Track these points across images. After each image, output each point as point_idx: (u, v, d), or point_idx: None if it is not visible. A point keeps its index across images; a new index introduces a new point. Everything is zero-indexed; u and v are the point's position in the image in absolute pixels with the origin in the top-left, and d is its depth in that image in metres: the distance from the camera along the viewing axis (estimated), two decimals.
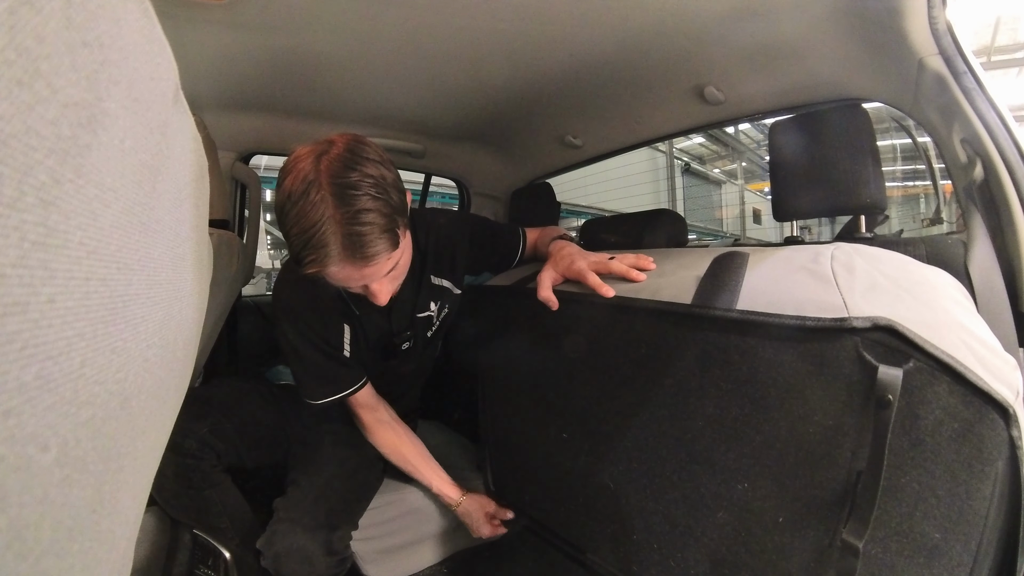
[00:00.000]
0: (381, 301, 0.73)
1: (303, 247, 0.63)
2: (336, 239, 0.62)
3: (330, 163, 0.63)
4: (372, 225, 0.63)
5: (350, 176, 0.63)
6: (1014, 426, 0.43)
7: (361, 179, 0.63)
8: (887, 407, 0.44)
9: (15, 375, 0.15)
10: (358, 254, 0.64)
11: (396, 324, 0.93)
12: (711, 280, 0.60)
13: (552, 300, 0.77)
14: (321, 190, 0.62)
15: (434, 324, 0.98)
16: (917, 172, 5.26)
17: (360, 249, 0.63)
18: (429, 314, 0.96)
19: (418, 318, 0.94)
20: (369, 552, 0.93)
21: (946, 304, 0.48)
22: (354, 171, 0.63)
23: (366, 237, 0.63)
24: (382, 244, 0.65)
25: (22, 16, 0.14)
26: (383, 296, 0.73)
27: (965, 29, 0.63)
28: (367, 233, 0.63)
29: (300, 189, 0.62)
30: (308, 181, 0.62)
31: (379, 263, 0.67)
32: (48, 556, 0.17)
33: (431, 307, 0.96)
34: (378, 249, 0.65)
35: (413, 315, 0.94)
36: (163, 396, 0.29)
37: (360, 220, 0.62)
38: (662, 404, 0.64)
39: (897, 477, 0.46)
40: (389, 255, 0.67)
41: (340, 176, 0.63)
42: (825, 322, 0.48)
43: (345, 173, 0.63)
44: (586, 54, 0.89)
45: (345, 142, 0.66)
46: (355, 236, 0.63)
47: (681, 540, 0.63)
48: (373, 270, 0.67)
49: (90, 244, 0.18)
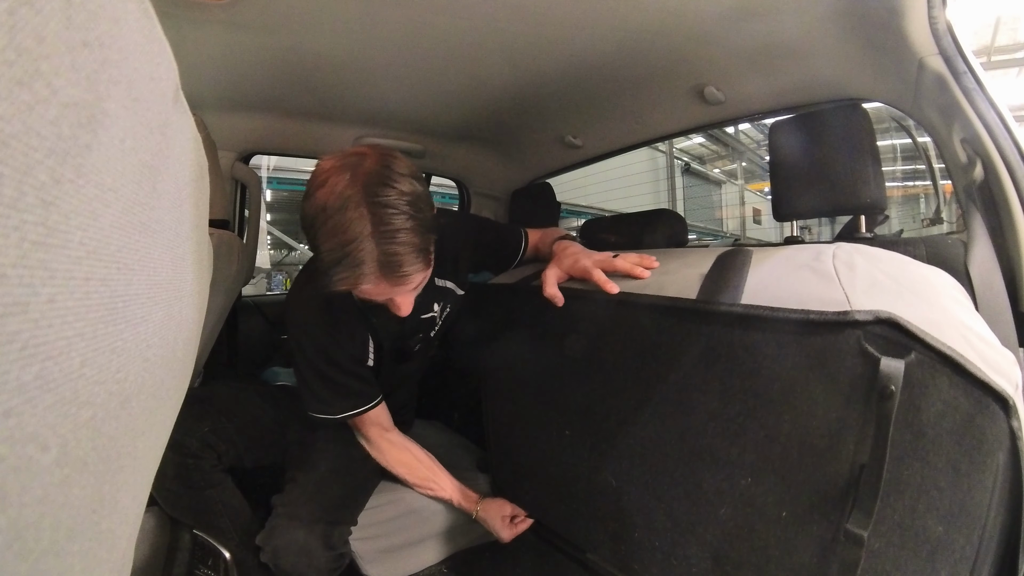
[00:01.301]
0: (404, 313, 0.74)
1: (337, 264, 0.62)
2: (372, 258, 0.63)
3: (367, 178, 0.63)
4: (408, 245, 0.64)
5: (388, 194, 0.63)
6: (1014, 417, 0.43)
7: (398, 198, 0.64)
8: (889, 399, 0.44)
9: (15, 375, 0.15)
10: (393, 274, 0.65)
11: (408, 327, 0.93)
12: (715, 277, 0.61)
13: (558, 296, 0.78)
14: (360, 207, 0.62)
15: (437, 324, 0.99)
16: (917, 172, 5.26)
17: (396, 269, 0.64)
18: (432, 315, 0.96)
19: (422, 319, 0.95)
20: (369, 552, 0.93)
21: (946, 302, 0.49)
22: (391, 188, 0.64)
23: (402, 258, 0.64)
24: (417, 264, 0.66)
25: (22, 16, 0.14)
26: (407, 308, 0.73)
27: (965, 29, 0.63)
28: (403, 254, 0.64)
29: (336, 204, 0.62)
30: (345, 197, 0.62)
31: (411, 281, 0.68)
32: (48, 556, 0.17)
33: (434, 308, 0.96)
34: (413, 270, 0.66)
35: (419, 317, 0.94)
36: (163, 396, 0.29)
37: (397, 240, 0.63)
38: (666, 400, 0.64)
39: (899, 470, 0.46)
40: (421, 272, 0.69)
41: (377, 194, 0.63)
42: (828, 316, 0.49)
43: (383, 191, 0.63)
44: (586, 54, 0.89)
45: (378, 156, 0.66)
46: (391, 256, 0.63)
47: (683, 537, 0.63)
48: (405, 287, 0.69)
49: (90, 244, 0.18)
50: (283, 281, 7.58)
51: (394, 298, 0.71)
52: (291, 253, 8.33)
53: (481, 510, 0.95)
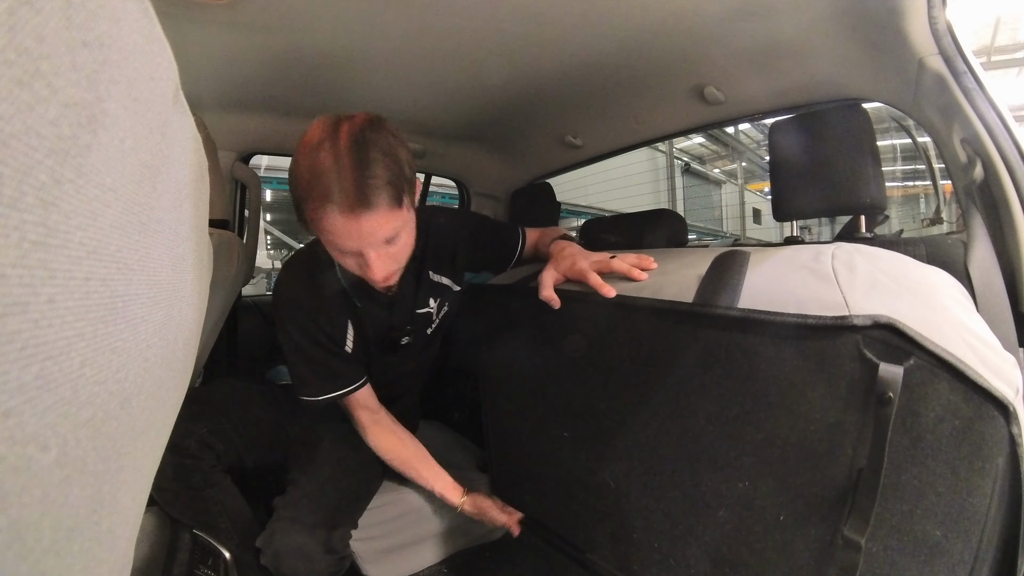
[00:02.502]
0: (377, 276, 0.71)
1: (309, 189, 0.65)
2: (339, 183, 0.64)
3: (351, 124, 0.67)
4: (377, 177, 0.65)
5: (367, 137, 0.66)
6: (1014, 423, 0.43)
7: (377, 139, 0.67)
8: (888, 404, 0.44)
9: (15, 375, 0.15)
10: (360, 201, 0.64)
11: (396, 318, 0.93)
12: (713, 279, 0.60)
13: (554, 299, 0.77)
14: (338, 142, 0.65)
15: (433, 321, 0.98)
16: (917, 172, 5.26)
17: (363, 196, 0.64)
18: (428, 311, 0.96)
19: (417, 314, 0.95)
20: (369, 552, 0.93)
21: (946, 303, 0.48)
22: (372, 133, 0.67)
23: (369, 183, 0.64)
24: (384, 196, 0.65)
25: (22, 16, 0.14)
26: (379, 270, 0.71)
27: (965, 29, 0.63)
28: (373, 186, 0.65)
29: (316, 140, 0.66)
30: (327, 134, 0.65)
31: (378, 217, 0.66)
32: (48, 556, 0.17)
33: (430, 303, 0.96)
34: (379, 200, 0.65)
35: (413, 311, 0.94)
36: (163, 396, 0.29)
37: (369, 171, 0.65)
38: (663, 402, 0.64)
39: (898, 474, 0.46)
40: (389, 212, 0.67)
41: (357, 135, 0.66)
42: (826, 320, 0.49)
43: (364, 134, 0.66)
44: (586, 54, 0.89)
45: (366, 115, 0.70)
46: (359, 182, 0.64)
47: (682, 539, 0.63)
48: (371, 225, 0.66)
49: (90, 244, 0.18)
50: None
51: (365, 253, 0.69)
52: (291, 253, 8.32)
53: (467, 503, 0.94)
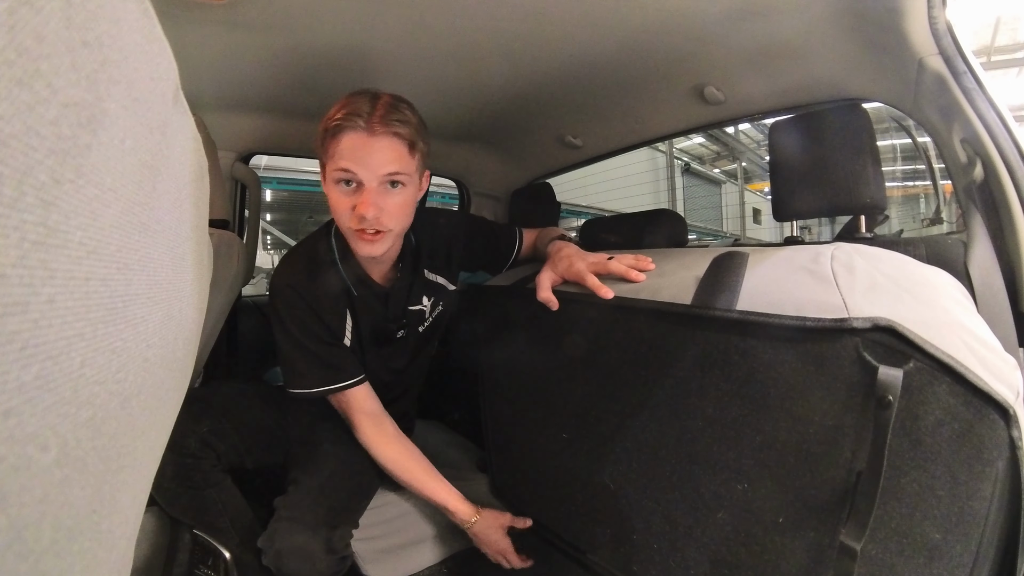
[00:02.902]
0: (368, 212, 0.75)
1: (336, 113, 0.75)
2: (369, 107, 0.74)
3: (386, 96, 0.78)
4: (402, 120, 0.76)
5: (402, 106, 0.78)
6: (1014, 426, 0.43)
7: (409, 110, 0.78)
8: (887, 408, 0.44)
9: (15, 375, 0.15)
10: (380, 123, 0.74)
11: (391, 312, 0.93)
12: (711, 280, 0.60)
13: (552, 301, 0.77)
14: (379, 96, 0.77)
15: (427, 319, 0.98)
16: (917, 172, 5.26)
17: (384, 121, 0.74)
18: (421, 308, 0.96)
19: (410, 310, 0.95)
20: (369, 552, 0.93)
21: (946, 304, 0.48)
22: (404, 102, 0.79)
23: (394, 117, 0.75)
24: (402, 133, 0.75)
25: (22, 16, 0.14)
26: (370, 206, 0.75)
27: (965, 29, 0.63)
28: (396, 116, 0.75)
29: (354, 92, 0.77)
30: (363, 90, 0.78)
31: (392, 145, 0.75)
32: (48, 556, 0.17)
33: (424, 301, 0.96)
34: (397, 133, 0.75)
35: (405, 306, 0.95)
36: (163, 396, 0.29)
37: (397, 109, 0.76)
38: (662, 404, 0.64)
39: (897, 477, 0.46)
40: (401, 149, 0.76)
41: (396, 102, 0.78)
42: (825, 322, 0.48)
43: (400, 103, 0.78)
44: (586, 54, 0.89)
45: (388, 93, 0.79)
46: (386, 113, 0.74)
47: (681, 540, 0.63)
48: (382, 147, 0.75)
49: (90, 244, 0.18)
50: None
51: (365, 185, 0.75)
52: None
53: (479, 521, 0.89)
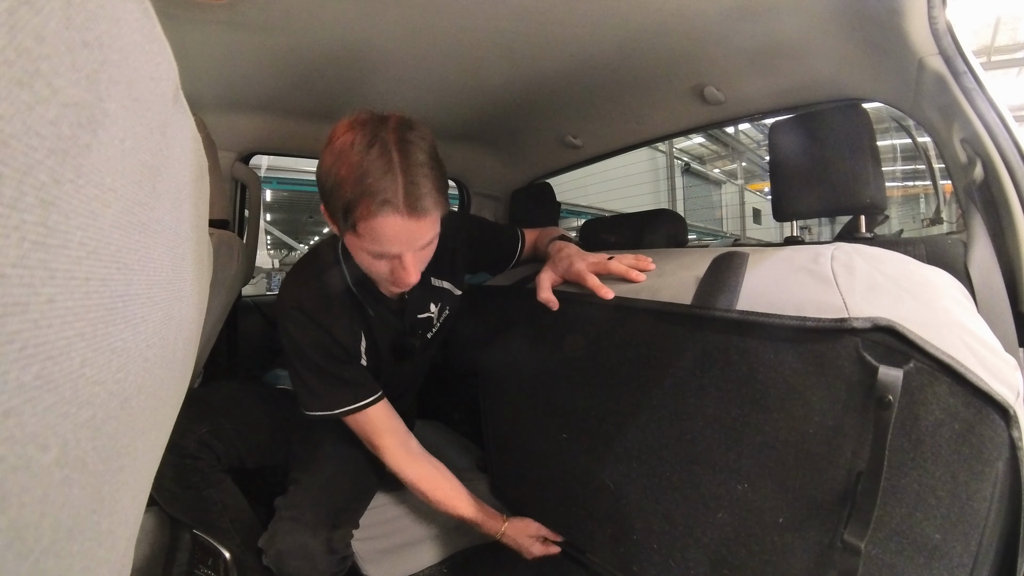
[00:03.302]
0: (412, 278, 0.71)
1: (360, 192, 0.63)
2: (397, 186, 0.64)
3: (394, 124, 0.68)
4: (429, 180, 0.66)
5: (412, 137, 0.67)
6: (1014, 427, 0.43)
7: (420, 139, 0.68)
8: (887, 408, 0.44)
9: (15, 375, 0.15)
10: (415, 204, 0.65)
11: (408, 323, 0.91)
12: (711, 280, 0.60)
13: (552, 301, 0.77)
14: (387, 143, 0.65)
15: (434, 326, 0.98)
16: (917, 172, 5.26)
17: (418, 200, 0.65)
18: (429, 315, 0.96)
19: (419, 319, 0.94)
20: (369, 551, 0.93)
21: (946, 304, 0.48)
22: (415, 133, 0.68)
23: (424, 189, 0.65)
24: (434, 200, 0.67)
25: (22, 16, 0.14)
26: (414, 272, 0.71)
27: (965, 29, 0.63)
28: (425, 186, 0.65)
29: (365, 140, 0.64)
30: (373, 134, 0.65)
31: (428, 221, 0.68)
32: (48, 556, 0.17)
33: (431, 308, 0.96)
34: (431, 204, 0.67)
35: (415, 315, 0.94)
36: (163, 396, 0.29)
37: (421, 172, 0.66)
38: (662, 404, 0.64)
39: (897, 478, 0.46)
40: (436, 216, 0.69)
41: (404, 134, 0.67)
42: (825, 323, 0.48)
43: (408, 134, 0.67)
44: (586, 54, 0.89)
45: (396, 116, 0.70)
46: (415, 186, 0.65)
47: (681, 540, 0.63)
48: (422, 227, 0.68)
49: (90, 244, 0.18)
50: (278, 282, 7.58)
51: (403, 257, 0.69)
52: (291, 253, 8.35)
53: (507, 530, 0.90)
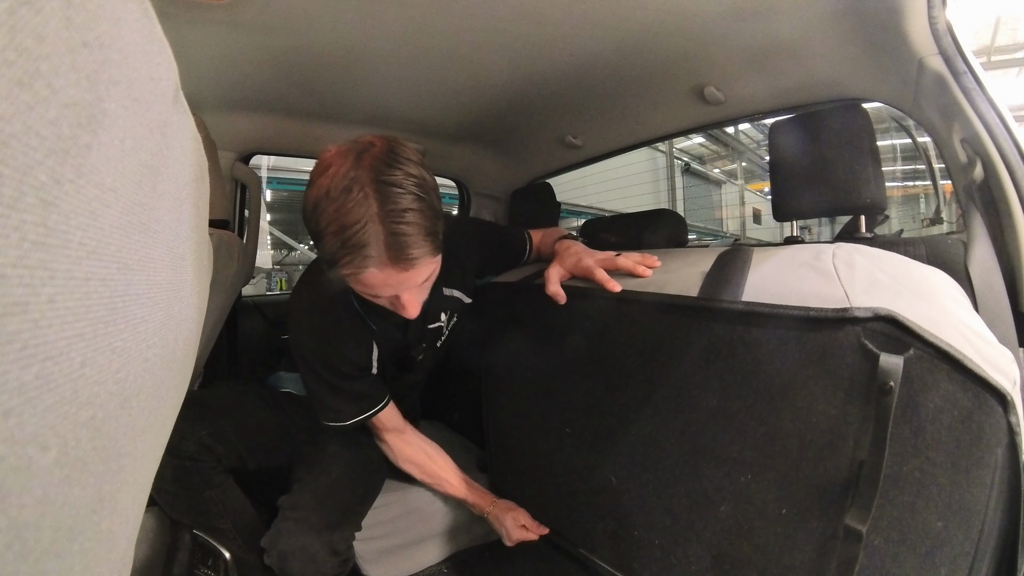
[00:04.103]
0: (412, 313, 0.68)
1: (340, 247, 0.59)
2: (378, 239, 0.59)
3: (373, 160, 0.60)
4: (416, 225, 0.60)
5: (394, 175, 0.60)
6: (1012, 413, 0.44)
7: (405, 178, 0.60)
8: (889, 394, 0.45)
9: (15, 375, 0.15)
10: (400, 256, 0.60)
11: (412, 336, 0.91)
12: (716, 275, 0.61)
13: (560, 295, 0.78)
14: (365, 187, 0.58)
15: (443, 334, 0.97)
16: (917, 172, 5.26)
17: (404, 251, 0.60)
18: (439, 324, 0.95)
19: (428, 329, 0.94)
20: (370, 552, 0.93)
21: (945, 301, 0.49)
22: (398, 170, 0.60)
23: (410, 238, 0.60)
24: (425, 248, 0.62)
25: (22, 16, 0.14)
26: (414, 308, 0.68)
27: (965, 29, 0.63)
28: (411, 234, 0.60)
29: (341, 185, 0.58)
30: (350, 178, 0.58)
31: (420, 268, 0.63)
32: (48, 556, 0.17)
33: (441, 318, 0.95)
34: (421, 253, 0.61)
35: (425, 326, 0.93)
36: (163, 396, 0.29)
37: (404, 219, 0.59)
38: (666, 397, 0.64)
39: (899, 465, 0.46)
40: (430, 259, 0.64)
41: (383, 174, 0.59)
42: (827, 312, 0.49)
43: (389, 172, 0.60)
44: (586, 54, 0.89)
45: (384, 142, 0.63)
46: (398, 236, 0.59)
47: (683, 535, 0.63)
48: (412, 275, 0.63)
49: (90, 244, 0.18)
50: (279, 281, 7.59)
51: (400, 296, 0.66)
52: (291, 253, 8.35)
53: (494, 509, 0.93)
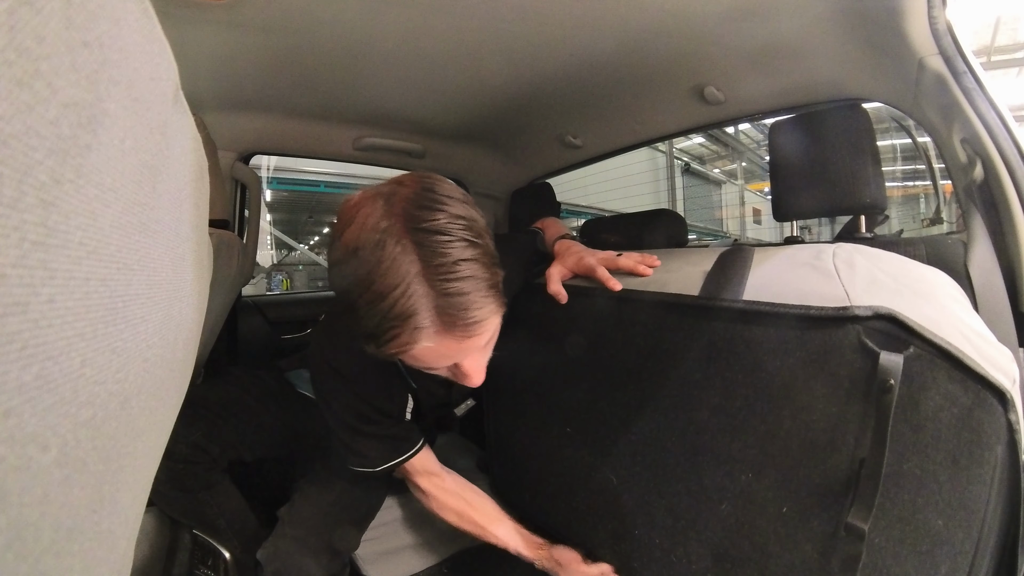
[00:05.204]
0: (476, 381, 0.56)
1: (381, 320, 0.46)
2: (428, 305, 0.46)
3: (406, 203, 0.47)
4: (472, 280, 0.47)
5: (436, 218, 0.47)
6: (1012, 411, 0.44)
7: (450, 222, 0.47)
8: (889, 392, 0.45)
9: (15, 375, 0.15)
10: (458, 321, 0.47)
11: (456, 392, 0.85)
12: (717, 274, 0.61)
13: (562, 294, 0.78)
14: (402, 239, 0.45)
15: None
16: (917, 172, 5.26)
17: (462, 315, 0.47)
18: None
19: None
20: (369, 553, 0.93)
21: (944, 301, 0.49)
22: (439, 211, 0.47)
23: (467, 298, 0.47)
24: (487, 306, 0.49)
25: (22, 16, 0.14)
26: (478, 375, 0.56)
27: (965, 29, 0.63)
28: (467, 292, 0.47)
29: (371, 241, 0.45)
30: (381, 230, 0.46)
31: (483, 331, 0.50)
32: (48, 556, 0.17)
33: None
34: (483, 314, 0.48)
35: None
36: (163, 396, 0.29)
37: (456, 274, 0.46)
38: (667, 396, 0.64)
39: (899, 463, 0.46)
40: (493, 318, 0.51)
41: (422, 220, 0.46)
42: (828, 311, 0.49)
43: (429, 216, 0.47)
44: (586, 54, 0.89)
45: (416, 181, 0.50)
46: (452, 297, 0.46)
47: (683, 534, 0.63)
48: (474, 341, 0.50)
49: (90, 244, 0.18)
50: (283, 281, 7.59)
51: (461, 364, 0.54)
52: (291, 253, 8.35)
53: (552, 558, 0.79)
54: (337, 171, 6.15)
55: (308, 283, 8.22)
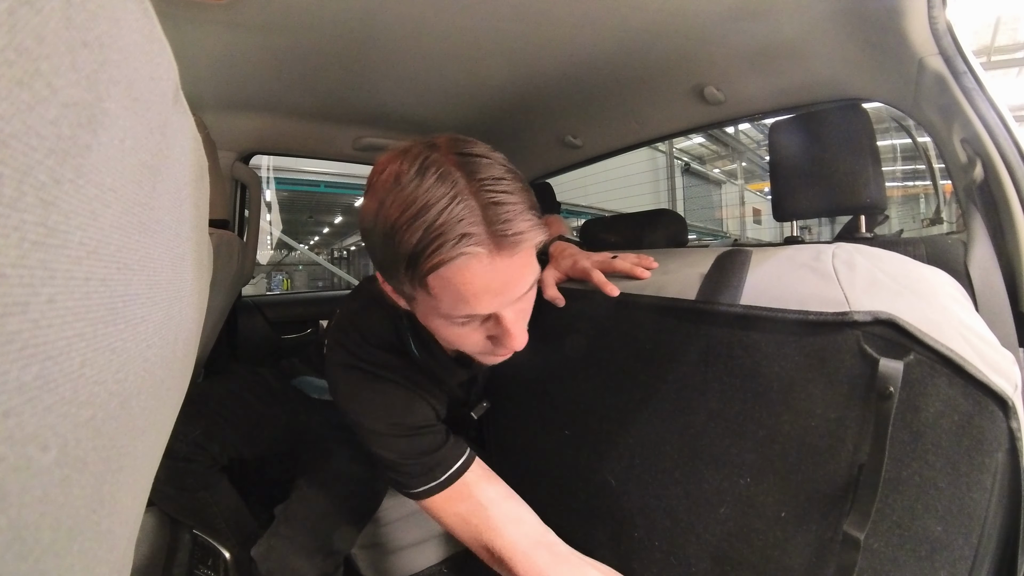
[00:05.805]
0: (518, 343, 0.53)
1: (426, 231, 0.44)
2: (475, 210, 0.45)
3: (445, 143, 0.49)
4: (518, 195, 0.47)
5: (475, 149, 0.49)
6: (1013, 418, 0.43)
7: (490, 151, 0.50)
8: (888, 399, 0.45)
9: (15, 375, 0.15)
10: (506, 230, 0.45)
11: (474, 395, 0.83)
12: (715, 277, 0.61)
13: (558, 298, 0.77)
14: (444, 164, 0.46)
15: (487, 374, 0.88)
16: (917, 172, 5.26)
17: (507, 225, 0.45)
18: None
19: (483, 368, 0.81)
20: (368, 553, 0.93)
21: (945, 302, 0.49)
22: (478, 146, 0.50)
23: (515, 208, 0.46)
24: (532, 224, 0.47)
25: (22, 16, 0.14)
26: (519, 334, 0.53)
27: (965, 29, 0.63)
28: (515, 203, 0.46)
29: (413, 169, 0.46)
30: (424, 158, 0.46)
31: (524, 254, 0.49)
32: (48, 556, 0.17)
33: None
34: (528, 227, 0.47)
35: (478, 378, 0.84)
36: (163, 396, 0.29)
37: (503, 187, 0.46)
38: (665, 400, 0.64)
39: (898, 470, 0.46)
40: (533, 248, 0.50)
41: (464, 150, 0.48)
42: (827, 316, 0.49)
43: (469, 147, 0.49)
44: (586, 54, 0.89)
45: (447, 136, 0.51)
46: (501, 207, 0.45)
47: (683, 537, 0.63)
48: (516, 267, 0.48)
49: (90, 244, 0.18)
50: (284, 281, 7.59)
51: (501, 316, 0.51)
52: (291, 253, 8.35)
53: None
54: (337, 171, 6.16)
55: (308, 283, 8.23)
